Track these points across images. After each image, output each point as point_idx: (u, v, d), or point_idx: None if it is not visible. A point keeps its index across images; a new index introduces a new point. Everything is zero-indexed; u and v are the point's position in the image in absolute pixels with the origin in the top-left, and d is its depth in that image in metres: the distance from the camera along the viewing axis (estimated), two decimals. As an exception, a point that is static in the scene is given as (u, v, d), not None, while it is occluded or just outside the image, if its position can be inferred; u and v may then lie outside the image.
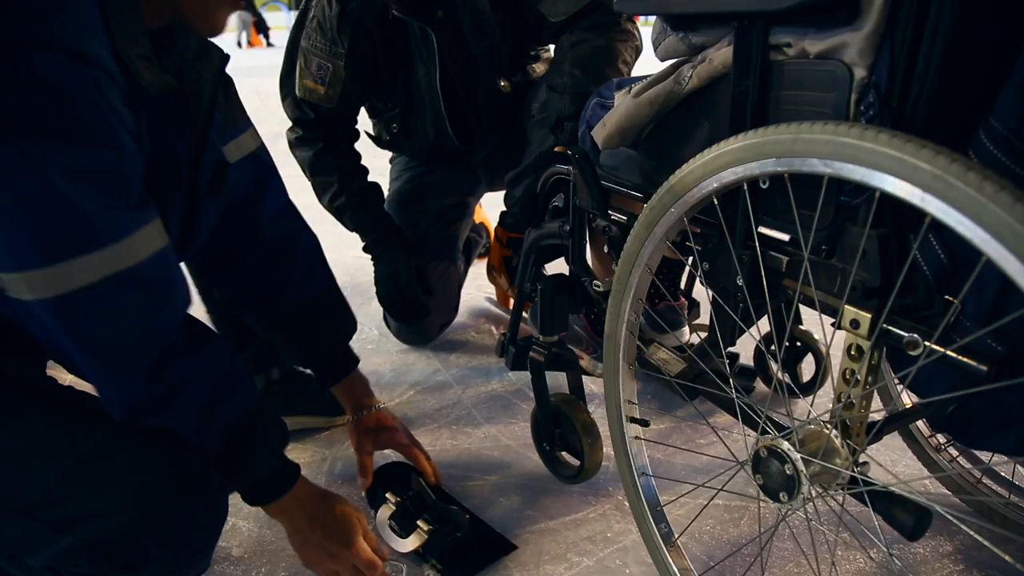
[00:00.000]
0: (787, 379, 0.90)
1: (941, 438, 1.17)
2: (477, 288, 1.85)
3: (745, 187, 0.73)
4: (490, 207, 2.16)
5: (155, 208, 0.75)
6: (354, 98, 1.62)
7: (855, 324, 0.67)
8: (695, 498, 1.19)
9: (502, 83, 1.65)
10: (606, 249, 1.06)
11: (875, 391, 0.71)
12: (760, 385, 1.49)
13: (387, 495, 1.15)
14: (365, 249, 1.74)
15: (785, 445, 0.71)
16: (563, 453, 1.26)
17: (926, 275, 0.66)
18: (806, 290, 0.72)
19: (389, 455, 1.25)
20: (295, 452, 1.38)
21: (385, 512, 1.14)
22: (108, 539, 0.74)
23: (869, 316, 0.66)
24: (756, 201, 0.75)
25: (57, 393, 0.84)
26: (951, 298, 0.65)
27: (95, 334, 0.72)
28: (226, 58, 0.93)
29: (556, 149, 1.39)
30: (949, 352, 0.60)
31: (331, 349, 1.20)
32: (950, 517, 0.66)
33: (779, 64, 0.73)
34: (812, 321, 0.85)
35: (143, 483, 0.76)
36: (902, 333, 0.64)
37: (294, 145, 1.69)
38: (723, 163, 0.72)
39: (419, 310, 1.74)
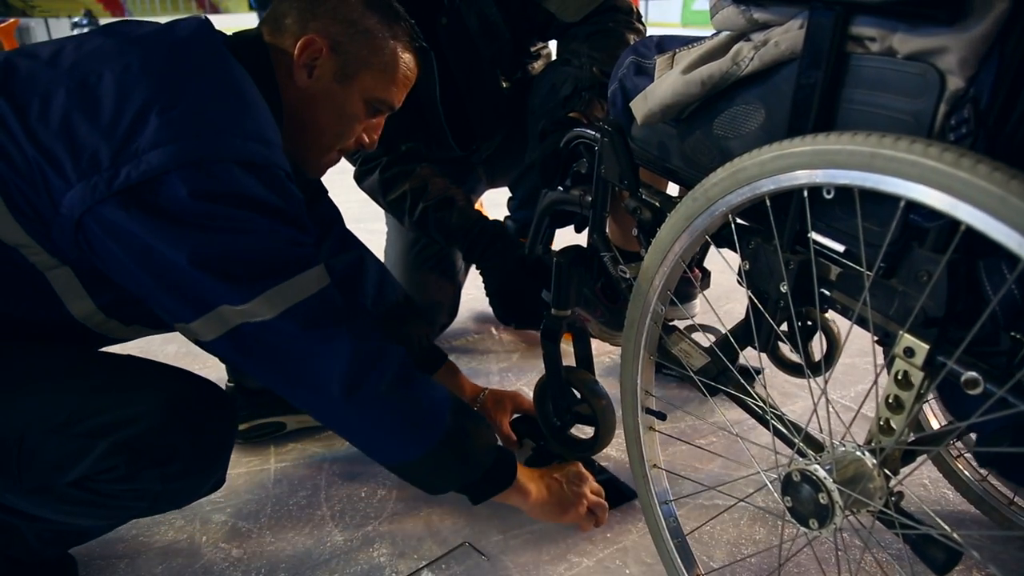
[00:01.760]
0: (801, 359, 0.87)
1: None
2: (478, 288, 1.79)
3: (805, 193, 0.67)
4: (492, 207, 2.08)
5: None
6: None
7: (909, 352, 0.63)
8: (695, 498, 1.18)
9: (504, 83, 1.57)
10: (635, 232, 1.00)
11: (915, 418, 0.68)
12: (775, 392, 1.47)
13: (525, 440, 1.29)
14: (465, 259, 1.61)
15: (822, 473, 0.68)
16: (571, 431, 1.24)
17: (995, 309, 0.61)
18: (862, 311, 0.67)
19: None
20: (294, 452, 1.36)
21: (522, 455, 1.26)
22: (141, 439, 0.82)
23: (927, 347, 0.61)
24: (812, 207, 0.69)
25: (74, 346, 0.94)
26: (1019, 336, 0.60)
27: (345, 315, 0.88)
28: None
29: (572, 115, 1.31)
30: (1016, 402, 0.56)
31: (418, 349, 1.28)
32: (971, 551, 0.64)
33: (857, 58, 0.65)
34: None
35: (169, 390, 0.86)
36: (960, 369, 0.60)
37: (361, 178, 1.58)
38: (785, 165, 0.66)
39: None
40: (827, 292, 0.73)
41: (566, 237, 1.26)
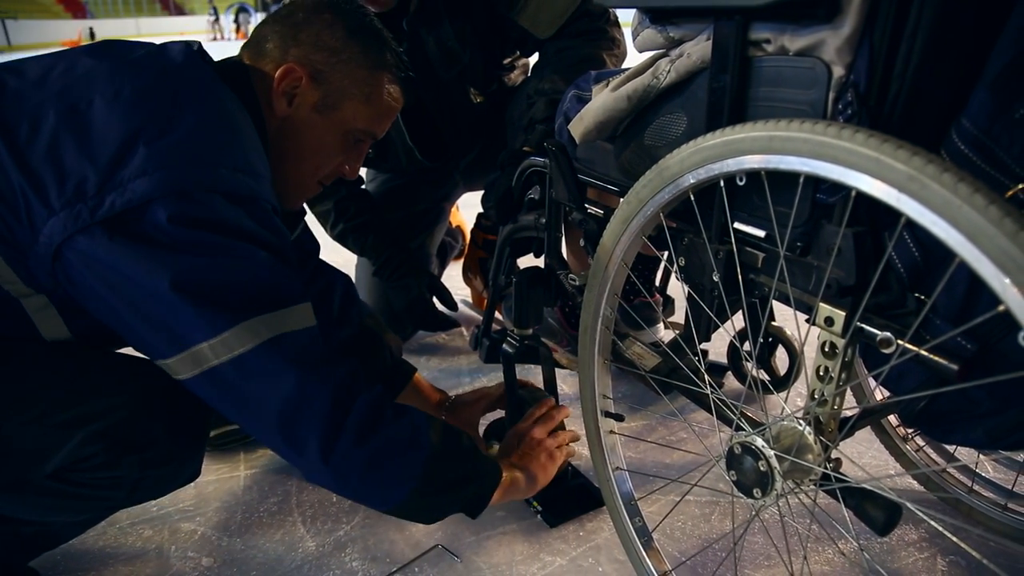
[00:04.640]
0: (762, 375, 0.91)
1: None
2: (451, 290, 1.85)
3: (722, 183, 0.73)
4: (466, 208, 2.15)
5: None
6: None
7: (829, 321, 0.67)
8: (667, 494, 1.20)
9: (477, 98, 1.63)
10: (582, 243, 1.05)
11: (848, 388, 0.72)
12: (732, 382, 1.51)
13: (494, 442, 1.26)
14: (375, 275, 1.75)
15: (759, 442, 0.71)
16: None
17: (900, 273, 0.66)
18: (781, 287, 0.72)
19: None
20: (264, 458, 1.37)
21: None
22: (117, 428, 0.84)
23: (843, 314, 0.66)
24: (732, 198, 0.75)
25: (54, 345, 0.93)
26: (923, 296, 0.65)
27: (326, 365, 0.84)
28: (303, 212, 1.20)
29: (524, 148, 1.38)
30: (922, 351, 0.61)
31: (382, 368, 1.27)
32: (920, 514, 0.67)
33: (758, 60, 0.72)
34: (784, 316, 0.85)
35: (144, 382, 0.87)
36: (875, 331, 0.65)
37: None
38: (700, 159, 0.72)
39: (444, 324, 1.85)
40: (755, 277, 0.78)
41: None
